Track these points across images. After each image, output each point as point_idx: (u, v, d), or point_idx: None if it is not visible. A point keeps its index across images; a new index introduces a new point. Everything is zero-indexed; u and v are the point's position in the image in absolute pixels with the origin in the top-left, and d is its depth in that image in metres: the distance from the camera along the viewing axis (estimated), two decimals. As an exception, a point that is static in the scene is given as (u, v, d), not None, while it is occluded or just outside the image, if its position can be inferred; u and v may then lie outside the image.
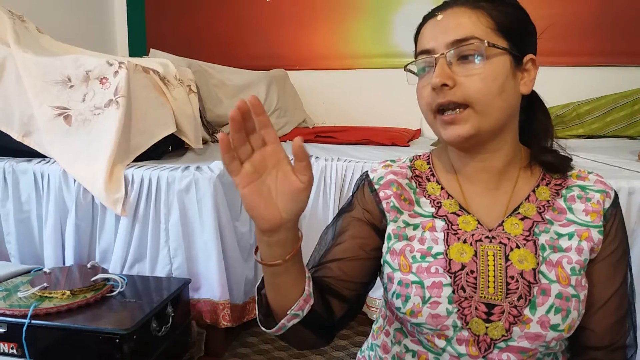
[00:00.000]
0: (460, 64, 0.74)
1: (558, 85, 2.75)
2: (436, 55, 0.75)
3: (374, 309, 1.90)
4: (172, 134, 1.97)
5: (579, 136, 2.69)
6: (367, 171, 0.89)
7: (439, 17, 0.77)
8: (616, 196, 0.81)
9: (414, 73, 0.81)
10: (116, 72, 1.80)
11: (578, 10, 2.79)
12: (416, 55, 0.81)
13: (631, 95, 2.66)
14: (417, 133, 2.89)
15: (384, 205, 0.83)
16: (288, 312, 0.71)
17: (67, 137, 1.82)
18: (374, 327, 0.96)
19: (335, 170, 1.92)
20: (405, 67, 0.82)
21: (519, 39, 0.77)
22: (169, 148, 2.07)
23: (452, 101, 0.74)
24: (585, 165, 0.76)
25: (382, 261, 0.83)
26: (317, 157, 1.98)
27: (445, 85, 0.73)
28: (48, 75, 1.84)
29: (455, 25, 0.75)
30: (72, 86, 1.83)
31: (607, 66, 2.81)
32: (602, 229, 0.78)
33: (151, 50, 2.99)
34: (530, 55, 0.78)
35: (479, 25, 0.74)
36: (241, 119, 0.60)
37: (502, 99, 0.74)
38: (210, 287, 1.79)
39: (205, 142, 2.34)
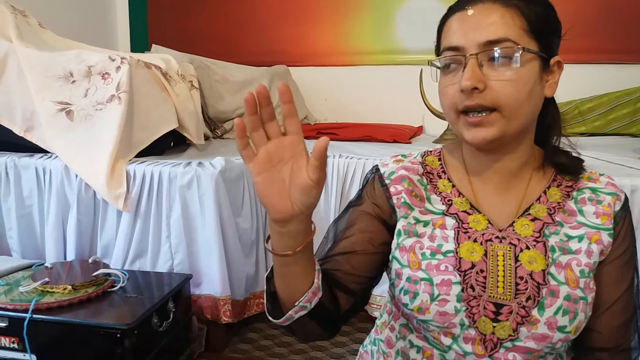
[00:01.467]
0: (491, 66, 0.72)
1: (560, 82, 2.72)
2: (467, 55, 0.72)
3: (375, 306, 1.90)
4: (174, 129, 1.97)
5: (581, 134, 2.69)
6: (377, 165, 0.87)
7: (470, 11, 0.73)
8: (626, 199, 0.81)
9: (437, 67, 0.79)
10: (118, 68, 1.80)
11: (581, 8, 2.76)
12: (440, 49, 0.78)
13: (634, 93, 2.65)
14: (419, 130, 2.88)
15: (395, 201, 0.82)
16: (296, 304, 0.71)
17: (69, 132, 1.81)
18: (378, 322, 0.95)
19: (337, 166, 1.92)
20: (429, 62, 0.79)
21: (548, 41, 0.75)
22: (170, 144, 2.07)
23: (480, 105, 0.72)
24: (587, 163, 0.76)
25: (390, 257, 0.82)
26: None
27: (476, 88, 0.71)
28: (50, 71, 1.84)
29: (488, 24, 0.72)
30: (74, 81, 1.82)
31: (610, 64, 2.79)
32: (612, 231, 0.77)
33: (153, 45, 2.98)
34: (556, 57, 0.77)
35: (512, 26, 0.72)
36: (255, 102, 0.60)
37: (529, 103, 0.73)
38: (212, 283, 1.79)
39: (207, 138, 2.34)
